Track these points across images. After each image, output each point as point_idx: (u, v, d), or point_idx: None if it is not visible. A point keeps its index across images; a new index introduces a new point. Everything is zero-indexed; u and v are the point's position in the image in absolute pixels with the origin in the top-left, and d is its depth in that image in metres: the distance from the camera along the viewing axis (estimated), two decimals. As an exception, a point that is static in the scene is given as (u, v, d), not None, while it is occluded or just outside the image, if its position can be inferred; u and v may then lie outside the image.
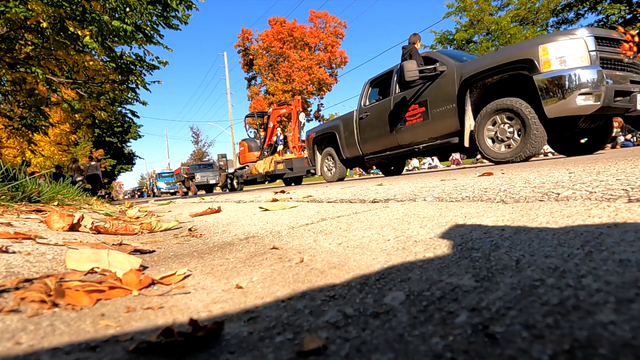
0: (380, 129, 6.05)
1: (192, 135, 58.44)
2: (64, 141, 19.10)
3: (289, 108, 12.84)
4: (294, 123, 12.51)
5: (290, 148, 12.64)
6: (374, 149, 6.38)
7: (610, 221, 0.71)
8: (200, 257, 1.04)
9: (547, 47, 3.79)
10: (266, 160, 12.20)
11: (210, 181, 19.60)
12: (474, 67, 4.46)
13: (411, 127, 5.42)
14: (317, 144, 8.04)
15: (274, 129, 13.28)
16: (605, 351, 0.33)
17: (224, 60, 33.68)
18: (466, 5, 20.39)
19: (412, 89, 5.32)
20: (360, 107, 6.61)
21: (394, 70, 5.94)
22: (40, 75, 5.51)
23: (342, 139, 6.99)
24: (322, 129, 7.82)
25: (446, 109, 4.86)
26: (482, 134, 4.40)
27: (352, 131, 6.72)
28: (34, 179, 2.77)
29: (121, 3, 5.54)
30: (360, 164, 7.43)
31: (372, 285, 0.61)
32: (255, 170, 12.77)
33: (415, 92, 5.30)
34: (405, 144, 5.68)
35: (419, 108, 5.24)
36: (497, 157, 4.30)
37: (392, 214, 1.21)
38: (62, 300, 0.60)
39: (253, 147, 14.18)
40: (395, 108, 5.69)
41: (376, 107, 6.16)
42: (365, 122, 6.42)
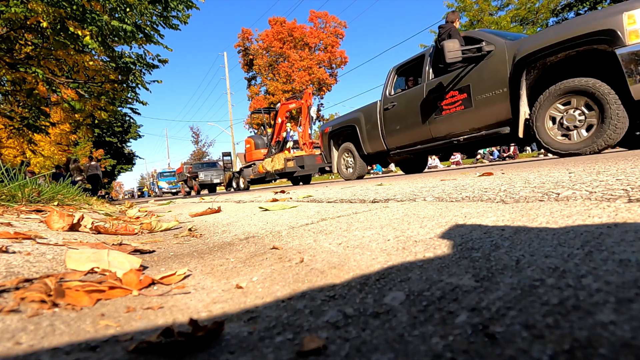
0: (409, 120, 5.39)
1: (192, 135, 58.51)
2: (64, 141, 19.11)
3: (299, 102, 11.97)
4: (304, 118, 11.55)
5: (300, 145, 11.74)
6: (401, 142, 5.70)
7: (610, 221, 0.71)
8: (200, 257, 1.04)
9: (634, 15, 3.08)
10: (275, 157, 11.49)
11: (214, 180, 19.12)
12: (532, 44, 3.78)
13: (448, 117, 4.77)
14: (334, 139, 7.31)
15: (283, 125, 12.47)
16: (605, 351, 0.33)
17: (224, 60, 33.68)
18: (466, 5, 20.40)
19: (450, 74, 4.70)
20: (384, 96, 5.93)
21: (425, 54, 5.34)
22: (40, 75, 5.51)
23: (363, 133, 6.29)
24: (339, 122, 7.11)
25: (494, 94, 4.21)
26: (543, 122, 3.74)
27: (375, 123, 6.05)
28: (34, 179, 2.77)
29: (121, 3, 5.54)
30: (382, 160, 6.84)
31: (372, 285, 0.61)
32: (262, 169, 12.11)
33: (454, 77, 4.64)
34: (441, 136, 5.01)
35: (459, 95, 4.58)
36: (562, 148, 3.67)
37: (392, 214, 1.21)
38: (62, 300, 0.60)
39: (260, 145, 13.50)
40: (428, 96, 5.03)
41: (405, 96, 5.52)
42: (391, 113, 5.74)
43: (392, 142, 5.89)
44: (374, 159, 6.79)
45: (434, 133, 5.11)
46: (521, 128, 4.05)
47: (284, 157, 10.96)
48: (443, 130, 4.97)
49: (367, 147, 6.34)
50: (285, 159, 10.79)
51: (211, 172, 19.48)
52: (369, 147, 6.30)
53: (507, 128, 4.24)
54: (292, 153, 11.36)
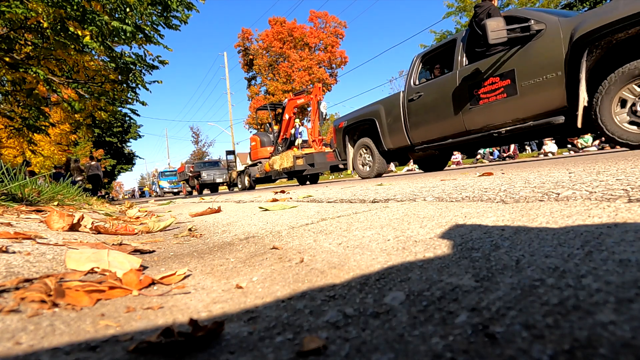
0: (438, 111, 4.90)
1: (192, 135, 58.54)
2: (64, 141, 19.11)
3: (308, 97, 11.22)
4: (313, 114, 10.86)
5: (310, 142, 11.09)
6: (428, 136, 5.18)
7: (610, 221, 0.71)
8: (200, 257, 1.04)
9: None
10: (283, 155, 10.81)
11: (217, 179, 18.62)
12: (596, 20, 3.27)
13: (487, 107, 4.27)
14: (349, 135, 6.77)
15: (290, 122, 11.81)
16: (605, 351, 0.33)
17: (224, 60, 33.69)
18: (466, 5, 20.39)
19: (489, 59, 4.22)
20: (408, 86, 5.42)
21: (457, 38, 4.89)
22: (40, 75, 5.51)
23: (383, 127, 5.79)
24: (355, 116, 6.55)
25: (545, 79, 3.70)
26: (609, 110, 3.28)
27: (397, 116, 5.54)
28: (34, 179, 2.77)
29: (121, 3, 5.54)
30: (403, 157, 6.34)
31: (372, 285, 0.61)
32: (269, 167, 11.45)
33: (494, 62, 4.15)
34: (477, 128, 4.48)
35: (501, 81, 4.09)
36: (633, 139, 3.20)
37: (392, 214, 1.21)
38: (62, 300, 0.60)
39: (266, 142, 12.85)
40: (462, 84, 4.53)
41: (433, 85, 5.02)
42: (416, 104, 5.23)
43: (417, 136, 5.36)
44: (396, 155, 6.25)
45: (468, 125, 4.57)
46: (580, 116, 3.52)
47: (293, 154, 10.27)
48: (479, 122, 4.44)
49: (387, 142, 5.81)
50: (295, 157, 10.12)
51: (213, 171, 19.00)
52: (390, 142, 5.78)
53: (561, 117, 3.72)
54: (301, 150, 10.70)
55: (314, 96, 10.70)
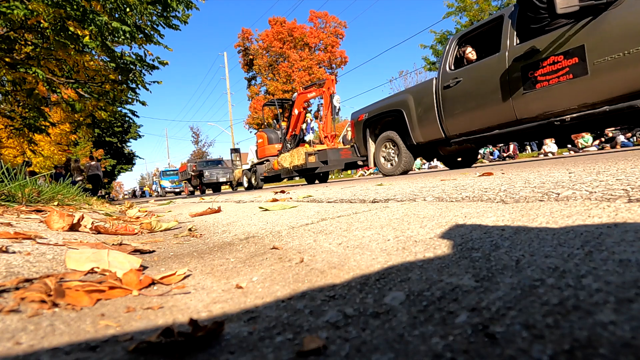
0: (482, 98, 4.36)
1: (192, 135, 58.52)
2: (64, 141, 19.10)
3: (320, 90, 10.35)
4: (326, 108, 10.07)
5: (322, 138, 10.27)
6: (467, 127, 4.63)
7: (610, 221, 0.71)
8: (200, 257, 1.04)
9: None
10: (294, 152, 10.07)
11: (220, 179, 18.02)
12: None
13: (546, 91, 3.75)
14: (370, 128, 6.18)
15: (300, 117, 11.04)
16: (605, 351, 0.33)
17: (224, 60, 33.70)
18: (466, 5, 20.39)
19: (549, 35, 3.71)
20: (443, 72, 4.89)
21: (504, 14, 4.32)
22: (40, 75, 5.51)
23: (412, 118, 5.25)
24: (378, 107, 5.95)
25: (627, 55, 3.17)
26: None
27: (430, 106, 5.02)
28: (34, 179, 2.77)
29: (121, 3, 5.54)
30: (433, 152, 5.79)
31: (372, 285, 0.61)
32: (278, 165, 10.76)
33: (556, 38, 3.63)
34: (531, 116, 3.96)
35: (566, 60, 3.58)
36: None
37: (392, 214, 1.21)
38: (62, 300, 0.60)
39: (273, 139, 12.11)
40: (513, 66, 4.00)
41: (475, 69, 4.48)
42: (454, 91, 4.69)
43: (453, 128, 4.79)
44: (425, 150, 5.67)
45: (519, 113, 4.03)
46: None
47: (305, 151, 9.56)
48: (535, 109, 3.90)
49: (417, 135, 5.26)
50: (307, 154, 9.38)
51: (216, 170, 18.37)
52: (420, 135, 5.22)
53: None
54: (313, 147, 9.99)
55: (327, 89, 9.93)
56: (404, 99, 5.44)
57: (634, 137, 12.40)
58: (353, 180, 7.48)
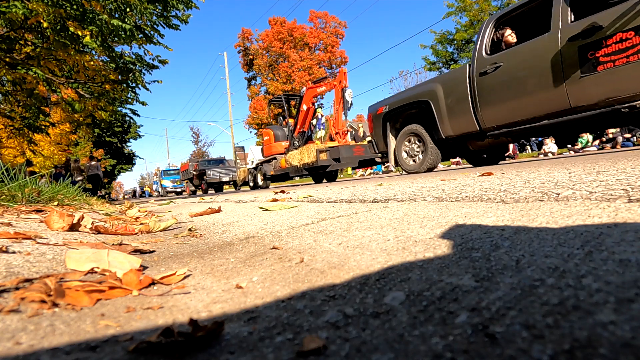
0: (528, 84, 3.93)
1: (192, 135, 58.56)
2: (64, 141, 19.11)
3: (331, 84, 9.69)
4: (337, 103, 9.41)
5: (333, 134, 9.74)
6: (509, 117, 4.19)
7: (610, 221, 0.71)
8: (200, 257, 1.04)
9: None
10: (303, 149, 9.49)
11: (223, 178, 17.58)
12: None
13: (611, 73, 3.30)
14: (391, 122, 5.71)
15: (309, 113, 10.41)
16: (605, 351, 0.33)
17: (224, 60, 33.73)
18: (466, 5, 20.40)
19: (615, 8, 3.28)
20: (479, 58, 4.45)
21: None
22: (40, 75, 5.51)
23: (441, 109, 4.82)
24: (401, 99, 5.49)
25: None
26: None
27: (462, 95, 4.58)
28: (34, 179, 2.77)
29: (121, 3, 5.54)
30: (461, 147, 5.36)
31: (372, 285, 0.61)
32: (286, 163, 10.23)
33: (625, 12, 3.18)
34: (591, 102, 3.52)
35: (637, 37, 3.11)
36: None
37: (392, 214, 1.21)
38: (62, 300, 0.60)
39: (280, 136, 11.54)
40: (568, 46, 3.55)
41: (519, 53, 4.02)
42: (492, 78, 4.26)
43: (491, 119, 4.35)
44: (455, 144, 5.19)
45: (575, 100, 3.60)
46: None
47: (316, 147, 8.99)
48: (595, 95, 3.46)
49: (446, 128, 4.83)
50: (318, 150, 8.82)
51: (219, 169, 17.84)
52: (450, 128, 4.79)
53: None
54: (324, 143, 9.46)
55: (338, 82, 9.29)
56: (432, 89, 4.97)
57: (634, 137, 12.39)
58: (353, 180, 7.48)
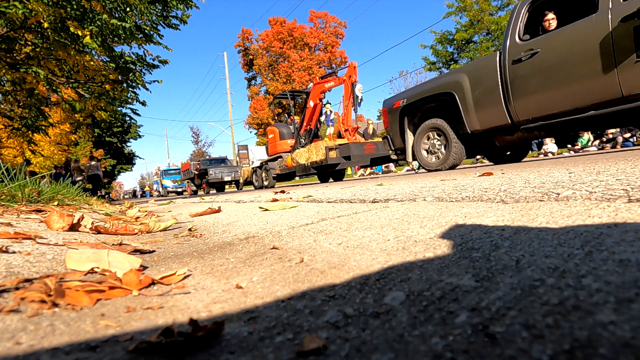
0: (571, 71, 3.59)
1: (192, 135, 58.59)
2: (64, 141, 19.11)
3: (340, 79, 9.20)
4: (346, 98, 8.92)
5: (342, 131, 9.35)
6: (548, 108, 3.85)
7: (610, 221, 0.71)
8: (200, 257, 1.04)
9: None
10: (311, 147, 9.03)
11: (225, 178, 17.12)
12: None
13: None
14: (409, 116, 5.38)
15: (316, 109, 9.93)
16: (605, 351, 0.33)
17: (224, 60, 33.75)
18: (466, 5, 20.40)
19: None
20: (511, 44, 4.15)
21: None
22: (41, 75, 5.51)
23: (467, 102, 4.50)
24: (421, 91, 5.15)
25: None
26: None
27: (492, 85, 4.26)
28: (35, 179, 2.77)
29: (121, 3, 5.54)
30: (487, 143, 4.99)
31: (372, 285, 0.61)
32: (293, 162, 9.83)
33: None
34: None
35: None
36: None
37: (392, 214, 1.21)
38: (62, 300, 0.60)
39: (286, 134, 11.07)
40: (620, 27, 3.24)
41: (561, 36, 3.71)
42: (528, 65, 3.93)
43: (526, 111, 4.03)
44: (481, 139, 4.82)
45: (627, 88, 3.26)
46: None
47: (325, 145, 8.54)
48: None
49: (472, 121, 4.50)
50: (327, 148, 8.40)
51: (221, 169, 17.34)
52: (477, 121, 4.46)
53: None
54: (334, 141, 9.00)
55: (348, 77, 8.81)
56: (457, 80, 4.65)
57: (634, 137, 12.39)
58: (353, 180, 7.47)
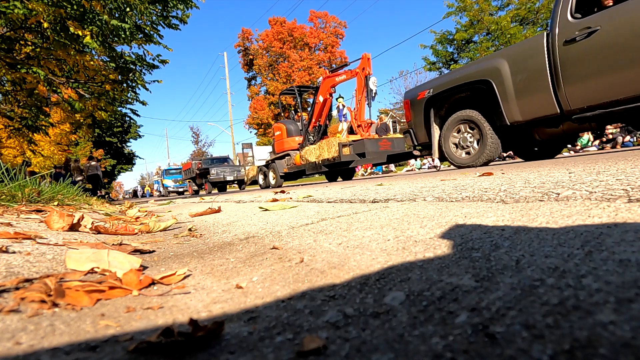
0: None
1: (192, 135, 58.62)
2: (64, 141, 19.11)
3: (352, 72, 8.53)
4: (359, 92, 8.34)
5: (354, 127, 8.77)
6: (608, 94, 3.45)
7: (610, 221, 0.71)
8: (200, 257, 1.04)
9: None
10: (323, 144, 8.51)
11: (228, 177, 16.76)
12: None
13: None
14: (436, 108, 4.95)
15: (326, 105, 9.36)
16: (605, 351, 0.33)
17: (224, 60, 33.72)
18: (466, 5, 20.41)
19: None
20: (562, 23, 3.73)
21: None
22: (41, 75, 5.51)
23: (507, 89, 4.08)
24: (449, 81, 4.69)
25: None
26: None
27: (538, 70, 3.83)
28: (35, 179, 2.77)
29: (121, 3, 5.55)
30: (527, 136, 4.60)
31: (372, 285, 0.61)
32: (302, 160, 9.31)
33: None
34: None
35: None
36: None
37: (392, 214, 1.21)
38: (62, 300, 0.60)
39: (293, 131, 10.52)
40: None
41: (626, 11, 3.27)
42: (584, 45, 3.54)
43: (581, 97, 3.62)
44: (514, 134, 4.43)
45: None
46: None
47: (338, 141, 8.03)
48: None
49: (513, 112, 4.07)
50: (340, 144, 7.87)
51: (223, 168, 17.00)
52: (519, 111, 4.03)
53: None
54: (347, 137, 8.50)
55: (361, 70, 8.17)
56: (494, 66, 4.21)
57: (634, 138, 12.40)
58: (353, 180, 7.47)
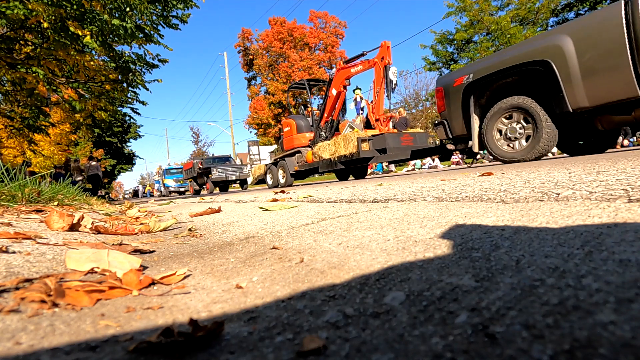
0: None
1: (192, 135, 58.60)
2: (64, 141, 19.11)
3: (370, 62, 7.79)
4: (378, 84, 7.57)
5: (372, 121, 8.10)
6: None
7: (610, 221, 0.71)
8: (200, 257, 1.04)
9: None
10: (339, 139, 7.88)
11: (230, 177, 16.42)
12: None
13: None
14: (476, 96, 4.45)
15: (339, 98, 8.72)
16: (605, 351, 0.33)
17: (224, 60, 33.73)
18: (466, 5, 20.41)
19: None
20: None
21: None
22: (41, 75, 5.51)
23: (571, 71, 3.54)
24: (495, 63, 4.16)
25: None
26: None
27: (614, 46, 3.32)
28: (35, 179, 2.77)
29: (121, 2, 5.54)
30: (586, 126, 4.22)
31: (372, 285, 0.61)
32: (314, 157, 8.68)
33: None
34: None
35: None
36: None
37: (392, 214, 1.21)
38: (62, 300, 0.60)
39: (303, 127, 9.86)
40: None
41: None
42: None
43: None
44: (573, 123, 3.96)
45: None
46: None
47: (357, 136, 7.36)
48: None
49: (579, 96, 3.55)
50: (359, 139, 7.20)
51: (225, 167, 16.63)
52: (586, 96, 3.52)
53: None
54: (365, 132, 7.80)
55: (380, 59, 7.42)
56: (555, 44, 3.64)
57: (634, 137, 12.39)
58: (353, 181, 7.47)
